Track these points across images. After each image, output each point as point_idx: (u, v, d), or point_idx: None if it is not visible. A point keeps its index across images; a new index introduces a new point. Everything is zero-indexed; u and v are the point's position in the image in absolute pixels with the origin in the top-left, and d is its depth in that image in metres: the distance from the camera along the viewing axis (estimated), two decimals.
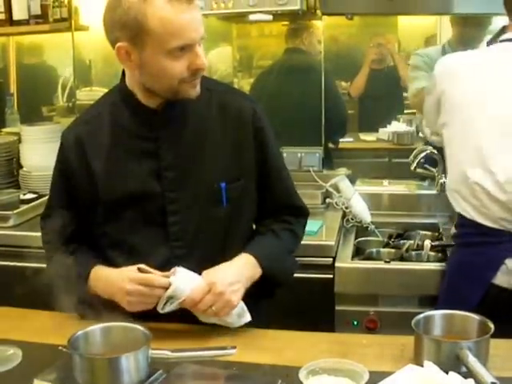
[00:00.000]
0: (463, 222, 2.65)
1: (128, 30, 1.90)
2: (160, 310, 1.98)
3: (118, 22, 1.91)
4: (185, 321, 2.11)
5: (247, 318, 2.11)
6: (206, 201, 2.15)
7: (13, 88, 4.57)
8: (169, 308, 1.98)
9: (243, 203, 2.22)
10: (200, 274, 2.05)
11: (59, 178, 2.24)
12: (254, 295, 2.12)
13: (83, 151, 2.14)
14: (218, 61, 4.40)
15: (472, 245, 2.62)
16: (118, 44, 1.94)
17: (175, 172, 2.12)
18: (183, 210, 2.13)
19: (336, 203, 3.64)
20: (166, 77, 1.97)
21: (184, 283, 1.99)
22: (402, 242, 3.42)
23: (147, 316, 1.98)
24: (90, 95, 4.29)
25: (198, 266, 2.10)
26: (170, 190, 2.12)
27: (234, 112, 2.17)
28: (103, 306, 1.99)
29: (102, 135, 2.13)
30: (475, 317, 1.91)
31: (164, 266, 2.09)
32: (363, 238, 3.47)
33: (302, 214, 2.36)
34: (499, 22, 3.70)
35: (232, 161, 2.16)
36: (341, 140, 4.27)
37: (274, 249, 2.23)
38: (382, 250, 3.36)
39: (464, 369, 1.73)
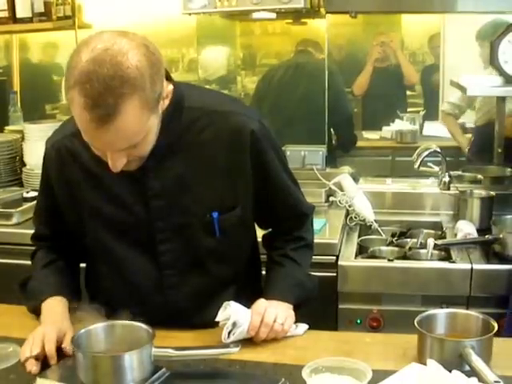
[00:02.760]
0: None
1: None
2: (224, 340, 1.97)
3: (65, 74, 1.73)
4: (188, 324, 2.11)
5: (304, 326, 2.13)
6: (196, 231, 2.05)
7: (16, 86, 4.57)
8: (233, 337, 1.97)
9: (238, 232, 2.13)
10: (194, 303, 2.10)
11: (43, 191, 2.21)
12: None
13: (64, 167, 2.06)
14: (221, 58, 4.40)
15: None
16: None
17: (163, 201, 2.01)
18: (173, 240, 2.05)
19: (339, 201, 3.64)
20: None
21: (241, 314, 1.99)
22: (405, 240, 3.42)
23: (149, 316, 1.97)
24: None
25: (192, 295, 2.10)
26: (158, 219, 2.02)
27: (229, 136, 2.00)
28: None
29: (87, 154, 1.94)
30: (478, 315, 1.91)
31: (157, 295, 2.09)
32: (366, 237, 3.47)
33: (306, 218, 2.30)
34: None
35: (226, 189, 2.05)
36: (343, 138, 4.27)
37: (297, 280, 2.20)
38: (385, 248, 3.35)
39: (467, 367, 1.72)
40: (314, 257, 2.34)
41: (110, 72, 1.63)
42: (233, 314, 1.97)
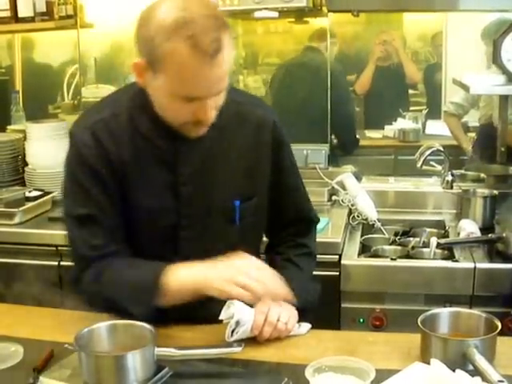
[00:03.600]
0: None
1: (148, 54, 1.80)
2: (227, 338, 1.98)
3: (143, 39, 1.81)
4: (191, 318, 2.11)
5: (307, 326, 2.13)
6: (219, 218, 2.10)
7: (18, 85, 4.57)
8: (236, 336, 1.97)
9: (255, 221, 2.18)
10: None
11: (85, 178, 2.01)
12: None
13: (104, 150, 1.98)
14: None
15: None
16: (137, 60, 1.84)
17: (191, 187, 2.04)
18: (196, 226, 2.08)
19: (342, 200, 3.63)
20: (167, 113, 1.90)
21: (244, 313, 1.98)
22: (408, 239, 3.41)
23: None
24: (95, 92, 4.29)
25: None
26: (184, 205, 2.05)
27: (253, 126, 2.09)
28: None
29: (120, 139, 1.99)
30: (482, 315, 1.90)
31: None
32: (369, 236, 3.46)
33: (312, 226, 2.36)
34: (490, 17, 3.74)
35: (247, 179, 2.11)
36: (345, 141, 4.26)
37: (300, 284, 2.18)
38: (388, 247, 3.35)
39: (471, 367, 1.72)
40: (316, 256, 2.35)
41: (203, 11, 1.76)
42: (236, 313, 1.97)
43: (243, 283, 1.86)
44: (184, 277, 1.94)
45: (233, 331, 1.97)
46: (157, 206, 2.05)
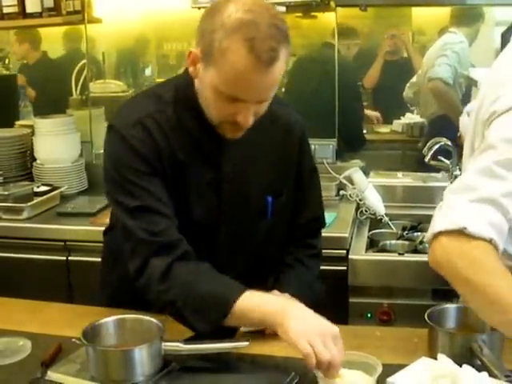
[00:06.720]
0: None
1: (205, 45, 1.81)
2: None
3: (204, 30, 1.81)
4: None
5: None
6: (253, 213, 2.16)
7: (26, 81, 4.57)
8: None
9: (283, 216, 2.24)
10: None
11: (140, 171, 1.97)
12: None
13: (156, 144, 1.97)
14: None
15: None
16: (192, 49, 1.86)
17: (232, 184, 2.09)
18: (233, 221, 2.13)
19: (350, 195, 3.63)
20: (209, 108, 1.91)
21: None
22: (415, 234, 3.42)
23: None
24: (103, 88, 4.30)
25: (239, 273, 2.09)
26: (225, 202, 2.10)
27: (283, 126, 2.16)
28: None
29: (169, 134, 2.00)
30: None
31: None
32: (377, 230, 3.47)
33: (321, 228, 2.40)
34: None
35: (278, 175, 2.17)
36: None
37: (307, 283, 2.26)
38: (395, 242, 3.35)
39: (478, 362, 1.72)
40: (324, 250, 2.37)
41: (268, 19, 1.77)
42: None
43: (316, 346, 1.70)
44: (256, 304, 1.87)
45: None
46: (200, 203, 2.08)
